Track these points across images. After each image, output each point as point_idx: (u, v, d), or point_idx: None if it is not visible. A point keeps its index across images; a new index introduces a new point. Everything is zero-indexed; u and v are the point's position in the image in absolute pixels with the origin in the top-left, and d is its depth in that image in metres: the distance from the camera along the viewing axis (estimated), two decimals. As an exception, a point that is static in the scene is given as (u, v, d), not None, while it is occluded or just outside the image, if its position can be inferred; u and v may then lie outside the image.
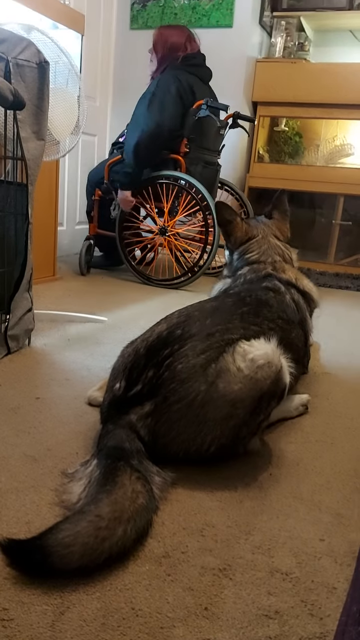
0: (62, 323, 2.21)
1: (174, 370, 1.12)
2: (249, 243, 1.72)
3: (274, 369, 1.13)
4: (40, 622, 0.75)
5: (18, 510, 0.98)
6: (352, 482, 1.18)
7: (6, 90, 1.51)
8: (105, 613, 0.78)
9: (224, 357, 1.14)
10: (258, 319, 1.32)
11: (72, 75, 2.00)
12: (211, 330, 1.20)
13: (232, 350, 1.15)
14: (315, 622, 0.79)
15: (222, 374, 1.12)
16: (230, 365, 1.13)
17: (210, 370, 1.12)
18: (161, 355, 1.15)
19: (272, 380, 1.12)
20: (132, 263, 3.26)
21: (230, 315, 1.28)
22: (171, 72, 2.99)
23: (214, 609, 0.80)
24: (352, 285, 3.69)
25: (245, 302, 1.39)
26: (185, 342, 1.16)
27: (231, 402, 1.10)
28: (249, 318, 1.30)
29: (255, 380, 1.11)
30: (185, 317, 1.24)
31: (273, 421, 1.38)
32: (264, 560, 0.91)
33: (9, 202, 1.71)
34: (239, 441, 1.16)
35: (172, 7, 3.93)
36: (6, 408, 1.40)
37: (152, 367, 1.15)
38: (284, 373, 1.17)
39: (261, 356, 1.13)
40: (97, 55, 4.03)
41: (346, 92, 3.84)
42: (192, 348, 1.15)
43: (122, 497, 0.91)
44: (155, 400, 1.12)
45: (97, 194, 3.29)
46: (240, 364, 1.12)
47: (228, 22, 3.82)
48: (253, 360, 1.13)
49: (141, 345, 1.20)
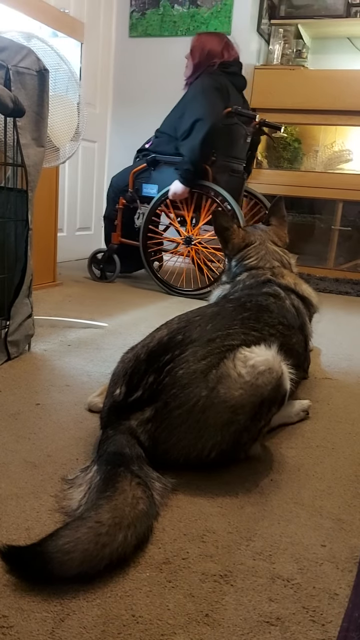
0: (62, 329, 2.21)
1: (174, 375, 1.12)
2: (246, 249, 1.73)
3: (275, 375, 1.13)
4: (40, 629, 0.75)
5: (18, 517, 0.98)
6: (353, 487, 1.17)
7: (6, 97, 1.52)
8: (105, 620, 0.77)
9: (225, 362, 1.14)
10: (259, 324, 1.33)
11: (72, 83, 2.01)
12: (212, 336, 1.20)
13: (233, 356, 1.15)
14: (317, 628, 0.78)
15: (222, 379, 1.12)
16: (231, 371, 1.13)
17: (211, 376, 1.12)
18: (162, 360, 1.15)
19: (272, 386, 1.12)
20: (156, 272, 3.22)
21: (231, 320, 1.29)
22: (209, 75, 2.99)
23: (215, 615, 0.79)
24: (352, 290, 3.69)
25: (246, 307, 1.39)
26: (186, 348, 1.16)
27: (232, 408, 1.10)
28: (249, 324, 1.30)
29: (256, 386, 1.11)
30: (186, 323, 1.24)
31: (274, 427, 1.38)
32: (265, 567, 0.90)
33: (9, 208, 1.71)
34: (239, 447, 1.16)
35: (171, 15, 3.96)
36: (6, 414, 1.40)
37: (152, 372, 1.15)
38: (284, 379, 1.17)
39: (262, 362, 1.13)
40: (97, 63, 4.06)
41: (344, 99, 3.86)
42: (193, 353, 1.15)
43: (123, 503, 0.90)
44: (155, 406, 1.11)
45: (121, 203, 3.24)
46: (241, 370, 1.12)
47: (226, 30, 3.84)
48: (254, 367, 1.13)
49: (142, 351, 1.20)
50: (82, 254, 4.18)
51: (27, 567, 0.82)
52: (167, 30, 3.99)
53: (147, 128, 4.20)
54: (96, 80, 4.08)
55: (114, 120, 4.29)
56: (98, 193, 4.29)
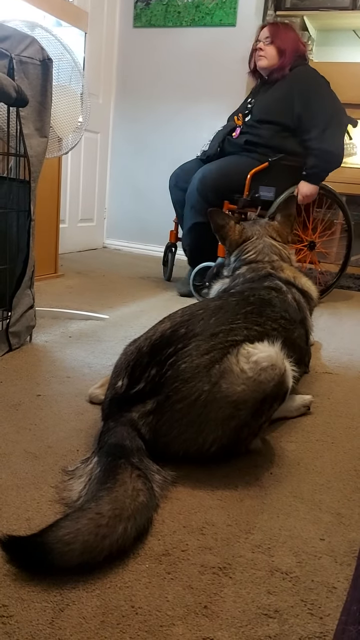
0: (64, 320, 2.21)
1: (177, 369, 1.12)
2: (244, 244, 1.75)
3: (278, 371, 1.14)
4: (40, 619, 0.75)
5: (18, 507, 0.98)
6: (352, 481, 1.18)
7: (9, 87, 1.51)
8: (104, 611, 0.77)
9: (228, 358, 1.14)
10: (261, 318, 1.32)
11: (75, 73, 2.00)
12: (215, 330, 1.20)
13: (236, 351, 1.15)
14: (315, 621, 0.79)
15: (225, 374, 1.12)
16: (234, 366, 1.13)
17: (213, 371, 1.12)
18: (164, 353, 1.15)
19: (275, 382, 1.13)
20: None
21: (234, 315, 1.28)
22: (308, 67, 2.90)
23: (213, 607, 0.80)
24: (354, 285, 3.68)
25: (249, 301, 1.39)
26: (189, 342, 1.16)
27: (234, 403, 1.10)
28: (252, 318, 1.30)
29: (259, 382, 1.11)
30: (189, 316, 1.24)
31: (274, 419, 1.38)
32: (264, 559, 0.91)
33: (11, 199, 1.71)
34: (240, 442, 1.16)
35: (176, 6, 3.92)
36: (7, 405, 1.40)
37: (155, 365, 1.15)
38: (287, 376, 1.17)
39: (265, 358, 1.13)
40: (101, 53, 4.03)
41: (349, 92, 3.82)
42: (196, 347, 1.15)
43: (123, 495, 0.91)
44: (157, 399, 1.12)
45: (227, 207, 2.73)
46: (244, 366, 1.12)
47: (231, 21, 3.81)
48: (257, 362, 1.13)
49: (144, 344, 1.20)
50: (84, 246, 4.18)
51: (27, 558, 0.83)
52: (171, 21, 3.96)
53: (150, 119, 4.19)
54: (100, 71, 4.06)
55: (117, 111, 4.27)
56: (100, 184, 4.28)
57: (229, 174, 2.73)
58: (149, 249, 4.30)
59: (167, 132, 4.17)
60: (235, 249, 1.76)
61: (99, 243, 4.41)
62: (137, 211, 4.33)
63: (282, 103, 2.80)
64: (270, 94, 2.87)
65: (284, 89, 2.83)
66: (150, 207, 4.25)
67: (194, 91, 4.05)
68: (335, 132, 2.75)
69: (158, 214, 4.14)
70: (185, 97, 4.08)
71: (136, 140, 4.26)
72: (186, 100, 4.08)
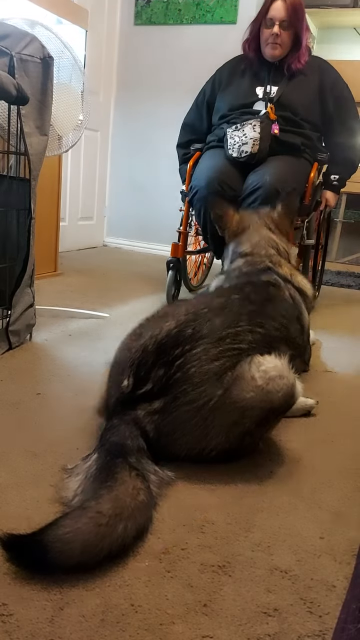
0: (64, 319, 2.21)
1: (186, 372, 1.12)
2: (240, 236, 1.71)
3: (286, 381, 1.14)
4: (40, 618, 0.75)
5: (18, 506, 0.98)
6: (352, 480, 1.18)
7: (10, 85, 1.51)
8: (104, 609, 0.78)
9: (241, 365, 1.15)
10: (263, 318, 1.32)
11: (76, 71, 1.99)
12: (222, 333, 1.19)
13: (249, 360, 1.16)
14: (314, 619, 0.79)
15: (236, 381, 1.12)
16: (246, 373, 1.13)
17: (226, 378, 1.12)
18: (171, 354, 1.14)
19: (283, 393, 1.13)
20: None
21: (238, 315, 1.28)
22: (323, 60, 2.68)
23: (213, 605, 0.80)
24: (354, 283, 3.68)
25: (250, 299, 1.38)
26: (196, 344, 1.16)
27: (241, 410, 1.10)
28: (255, 319, 1.30)
29: (267, 392, 1.11)
30: (194, 316, 1.22)
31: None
32: (264, 558, 0.91)
33: (11, 197, 1.71)
34: (241, 449, 1.17)
35: (177, 3, 3.91)
36: (7, 403, 1.40)
37: (162, 365, 1.14)
38: (295, 389, 1.18)
39: (273, 369, 1.14)
40: (101, 51, 4.02)
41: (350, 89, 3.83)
42: (204, 352, 1.15)
43: (124, 494, 0.91)
44: (165, 399, 1.11)
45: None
46: (255, 374, 1.13)
47: (232, 19, 3.80)
48: (266, 372, 1.13)
49: (150, 342, 1.18)
50: (84, 244, 4.18)
51: (27, 556, 0.83)
52: (171, 19, 3.95)
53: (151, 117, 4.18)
54: (100, 69, 4.05)
55: (117, 109, 4.26)
56: (100, 182, 4.27)
57: (299, 181, 2.44)
58: (149, 247, 4.29)
59: (167, 130, 4.15)
60: (233, 239, 1.72)
61: (99, 241, 4.40)
62: (137, 209, 4.32)
63: (315, 100, 2.56)
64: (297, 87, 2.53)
65: (312, 84, 2.55)
66: (151, 206, 4.24)
67: (195, 89, 4.04)
68: (358, 140, 2.63)
69: (158, 212, 4.13)
70: (186, 95, 4.07)
71: (137, 138, 4.25)
72: (187, 98, 4.07)
